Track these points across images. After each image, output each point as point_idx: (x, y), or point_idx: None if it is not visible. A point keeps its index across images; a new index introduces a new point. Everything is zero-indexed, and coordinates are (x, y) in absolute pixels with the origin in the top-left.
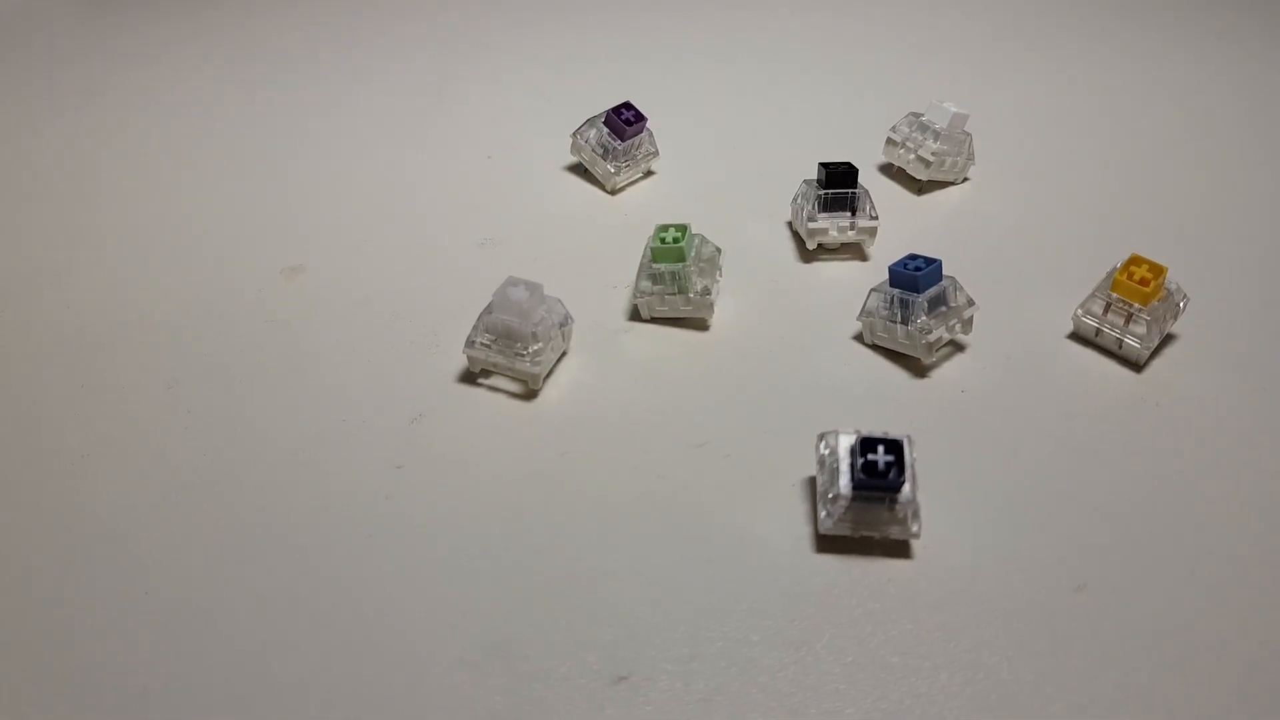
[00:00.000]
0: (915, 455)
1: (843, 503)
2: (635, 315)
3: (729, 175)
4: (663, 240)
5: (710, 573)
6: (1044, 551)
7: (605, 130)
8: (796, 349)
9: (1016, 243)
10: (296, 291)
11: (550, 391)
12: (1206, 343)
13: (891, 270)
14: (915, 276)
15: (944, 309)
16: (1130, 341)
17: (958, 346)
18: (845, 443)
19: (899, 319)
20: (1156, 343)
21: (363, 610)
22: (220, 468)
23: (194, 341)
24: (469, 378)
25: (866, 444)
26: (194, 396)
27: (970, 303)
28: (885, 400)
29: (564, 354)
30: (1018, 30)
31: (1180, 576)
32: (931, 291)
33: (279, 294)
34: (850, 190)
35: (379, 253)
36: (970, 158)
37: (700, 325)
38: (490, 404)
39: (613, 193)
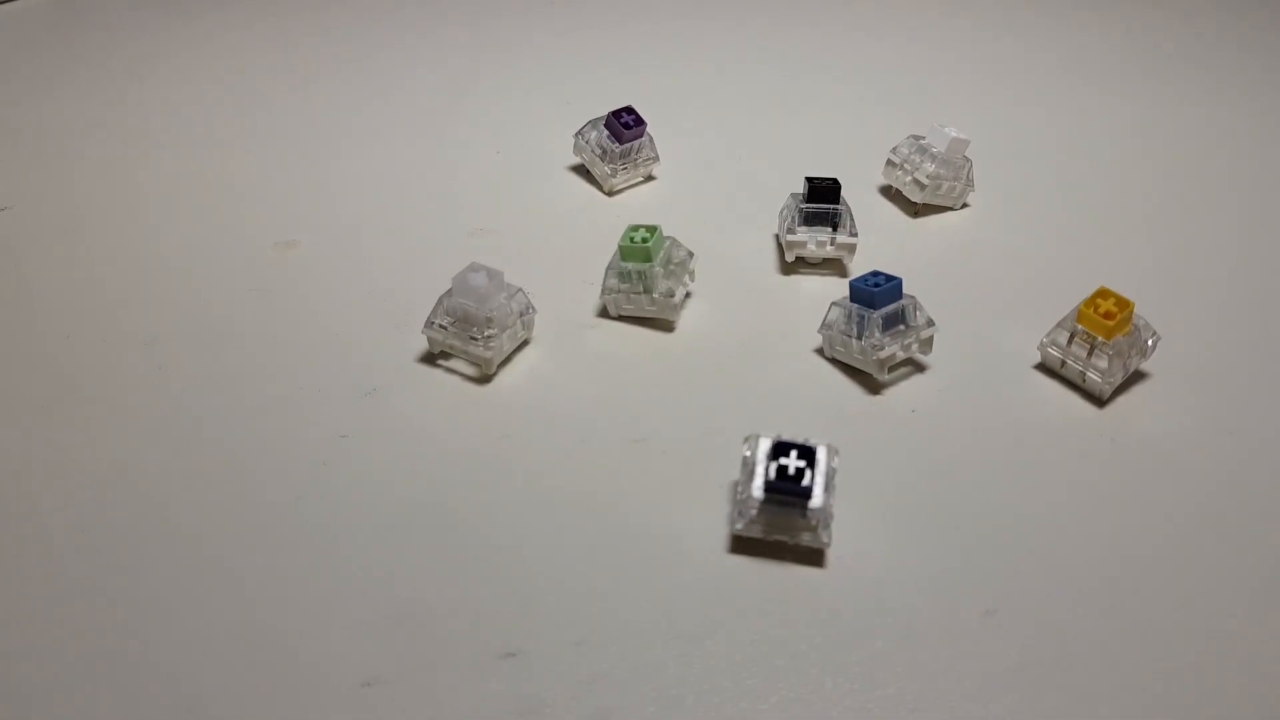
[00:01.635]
0: (837, 465)
1: (753, 505)
2: (605, 312)
3: (728, 184)
4: (631, 240)
5: (619, 563)
6: (959, 574)
7: (605, 132)
8: (758, 357)
9: (1003, 271)
10: (286, 264)
11: (505, 377)
12: (1177, 384)
13: (851, 285)
14: (872, 293)
15: (901, 327)
16: (1092, 375)
17: (918, 367)
18: (764, 446)
19: (855, 334)
20: (1120, 378)
21: (275, 566)
22: (176, 421)
23: (180, 302)
24: (429, 358)
25: (780, 448)
26: (168, 354)
27: (930, 323)
28: (834, 413)
29: (526, 343)
30: (1036, 61)
31: (1093, 613)
32: (888, 309)
33: (269, 265)
34: (832, 206)
35: (372, 234)
36: (969, 184)
37: (666, 326)
38: (444, 384)
39: (610, 194)
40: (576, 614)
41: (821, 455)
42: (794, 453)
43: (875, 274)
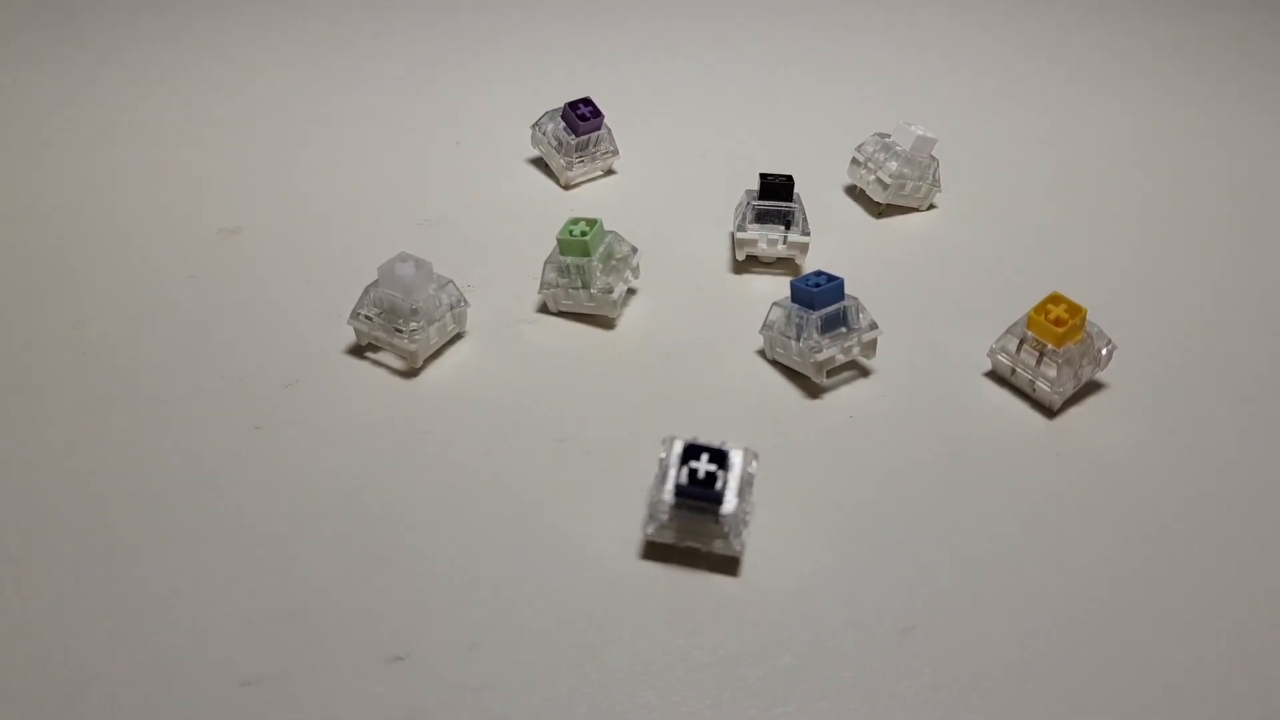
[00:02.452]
0: (755, 471)
1: (664, 509)
2: (546, 308)
3: (690, 181)
4: (570, 233)
5: (525, 566)
6: (880, 587)
7: (563, 124)
8: (698, 357)
9: (963, 275)
10: (225, 251)
11: (433, 371)
12: (1133, 397)
13: (792, 285)
14: (812, 293)
15: (843, 330)
16: (1041, 384)
17: (862, 371)
18: (678, 448)
19: (795, 336)
20: (1071, 388)
21: (168, 556)
22: (91, 406)
23: (114, 286)
24: (358, 350)
25: (691, 451)
26: (95, 338)
27: (873, 326)
28: (769, 417)
29: (458, 336)
30: (1014, 61)
31: (1018, 634)
32: (828, 310)
33: (208, 252)
34: (785, 204)
35: (318, 223)
36: (935, 184)
37: (606, 323)
38: (369, 377)
39: (566, 188)
40: (473, 618)
41: (736, 459)
42: (705, 456)
43: (818, 274)
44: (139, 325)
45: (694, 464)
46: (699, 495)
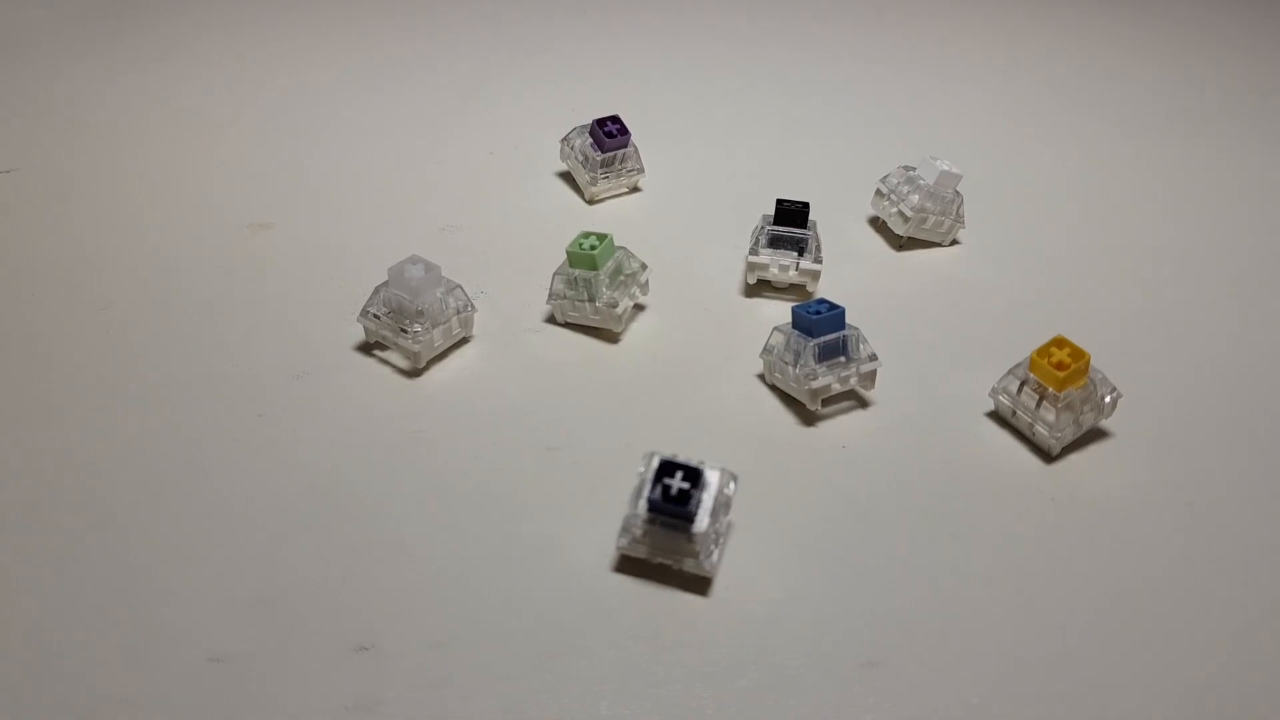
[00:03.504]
0: (732, 492)
1: (637, 523)
2: (554, 318)
3: (714, 203)
4: (580, 246)
5: (499, 569)
6: (850, 620)
7: (589, 140)
8: (698, 377)
9: (978, 313)
10: (255, 246)
11: (435, 373)
12: (1137, 448)
13: (794, 311)
14: (811, 320)
15: (841, 359)
16: (1040, 428)
17: (861, 402)
18: (655, 464)
19: (792, 361)
20: (1071, 434)
21: (158, 533)
22: (106, 381)
23: (145, 273)
24: (366, 348)
25: (666, 468)
26: (120, 320)
27: (872, 357)
28: (761, 441)
29: (465, 340)
30: (1052, 102)
31: (984, 679)
32: (827, 338)
33: (237, 245)
34: (800, 230)
35: (346, 223)
36: (959, 220)
37: (611, 337)
38: (374, 374)
39: (590, 202)
40: (442, 615)
41: (713, 479)
42: (680, 474)
43: (820, 301)
44: (163, 310)
45: (668, 480)
46: (671, 512)
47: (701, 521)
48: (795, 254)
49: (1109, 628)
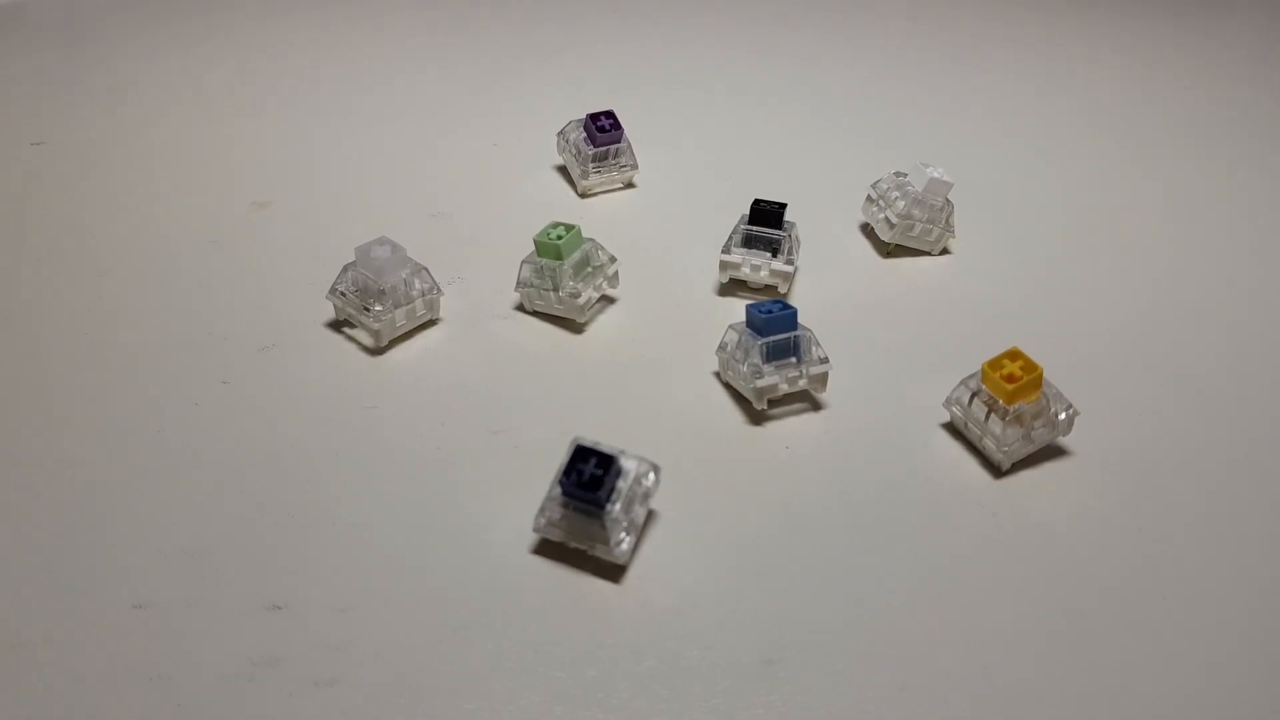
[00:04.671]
0: (652, 484)
1: (550, 506)
2: (523, 307)
3: (706, 203)
4: (547, 236)
5: (418, 542)
6: (756, 618)
7: (583, 134)
8: (655, 371)
9: (955, 323)
10: (251, 222)
11: (398, 353)
12: (1093, 469)
13: (747, 310)
14: (763, 319)
15: (792, 360)
16: (988, 441)
17: (814, 405)
18: (572, 449)
19: (742, 360)
20: (1020, 448)
21: (104, 481)
22: (87, 342)
23: (143, 243)
24: (337, 325)
25: (581, 453)
26: (114, 286)
27: (823, 360)
28: (705, 437)
29: (432, 322)
30: (1054, 115)
31: (881, 688)
32: (776, 338)
33: (234, 221)
34: (774, 231)
35: (344, 204)
36: (948, 229)
37: (577, 327)
38: (339, 351)
39: (583, 196)
40: (356, 582)
41: (630, 468)
42: (594, 460)
43: (775, 302)
44: (154, 278)
45: (581, 465)
46: (581, 497)
47: (612, 508)
48: (769, 255)
49: (1026, 650)
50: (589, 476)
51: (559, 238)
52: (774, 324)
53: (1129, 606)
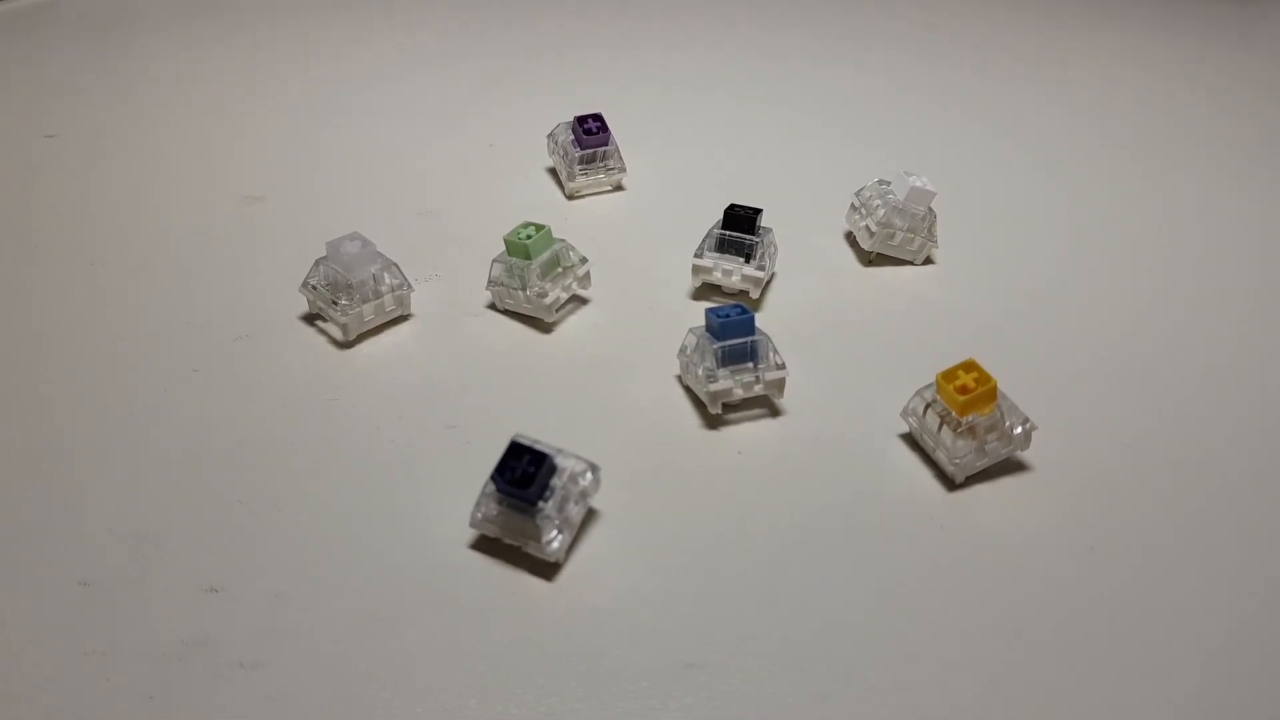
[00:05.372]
0: (589, 484)
1: (486, 502)
2: (495, 305)
3: (693, 208)
4: (517, 235)
5: (359, 532)
6: (685, 622)
7: (571, 136)
8: (618, 372)
9: (928, 334)
10: (242, 215)
11: (366, 347)
12: (1051, 486)
13: (706, 313)
14: (719, 323)
15: (748, 365)
16: (940, 453)
17: (773, 411)
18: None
19: (699, 363)
20: (972, 461)
21: (67, 462)
22: (71, 328)
23: (135, 232)
24: (310, 318)
25: (515, 449)
26: (105, 275)
27: (780, 366)
28: (658, 439)
29: (403, 318)
30: (1053, 130)
31: (799, 697)
32: (731, 342)
33: (228, 214)
34: (747, 236)
35: (335, 201)
36: (930, 238)
37: (546, 327)
38: (309, 343)
39: (569, 198)
40: (291, 569)
41: (567, 467)
42: (526, 457)
43: (734, 306)
44: (143, 268)
45: (514, 462)
46: (511, 493)
47: (544, 506)
48: (741, 260)
49: (957, 666)
50: (521, 473)
51: (528, 237)
52: (730, 328)
53: (1070, 628)
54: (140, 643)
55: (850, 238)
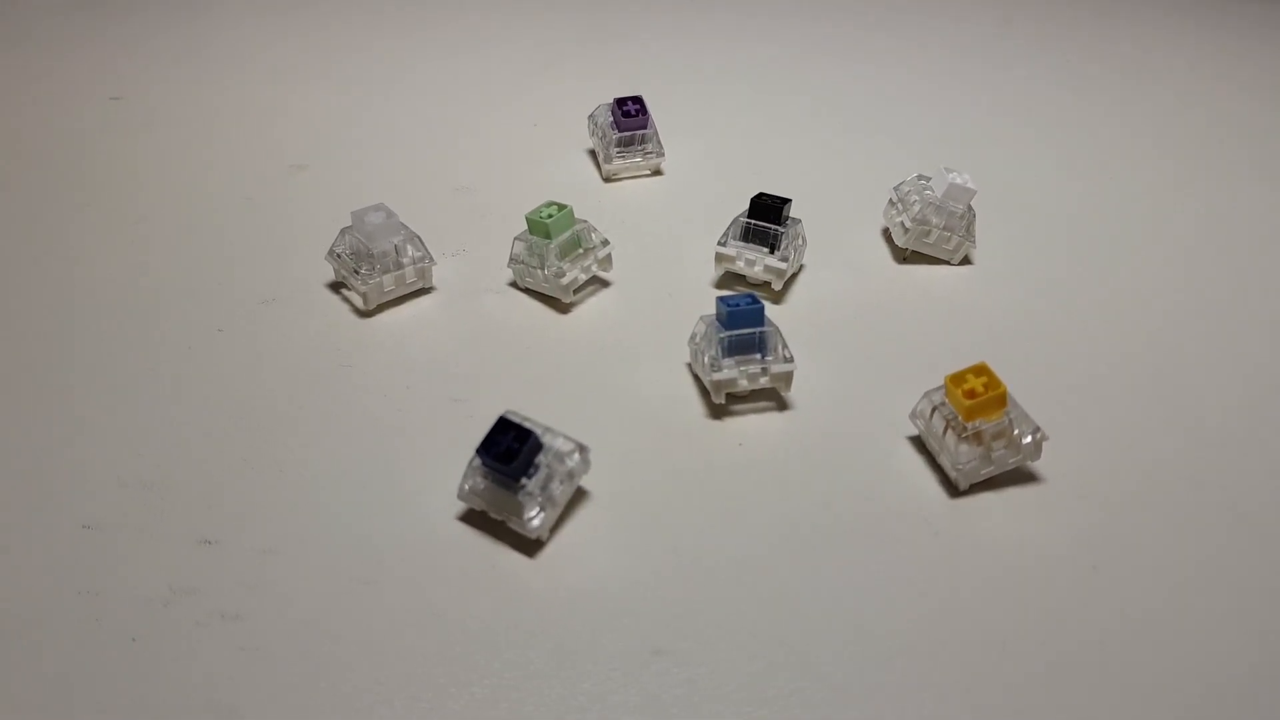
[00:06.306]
0: (576, 464)
1: (472, 475)
2: (516, 283)
3: (730, 195)
4: (539, 215)
5: (351, 496)
6: (661, 608)
7: (610, 118)
8: (630, 357)
9: (956, 337)
10: (285, 183)
11: (387, 316)
12: (1062, 499)
13: (717, 301)
14: (727, 312)
15: (756, 356)
16: (945, 457)
17: (780, 405)
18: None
19: (705, 351)
20: (977, 468)
21: (85, 409)
22: (105, 283)
23: (182, 195)
24: (336, 286)
25: (502, 425)
26: (146, 233)
27: (788, 359)
28: (660, 426)
29: (425, 290)
30: (1108, 132)
31: (765, 695)
32: (739, 332)
33: (272, 181)
34: (773, 226)
35: (377, 173)
36: (969, 238)
37: (563, 308)
38: (333, 310)
39: (606, 180)
40: (284, 528)
41: (554, 445)
42: (512, 433)
43: (746, 296)
44: (183, 230)
45: (499, 437)
46: (495, 468)
47: (527, 483)
48: (766, 250)
49: (930, 674)
50: (505, 449)
51: (549, 216)
52: (738, 318)
53: (1057, 646)
54: (132, 587)
55: (887, 234)
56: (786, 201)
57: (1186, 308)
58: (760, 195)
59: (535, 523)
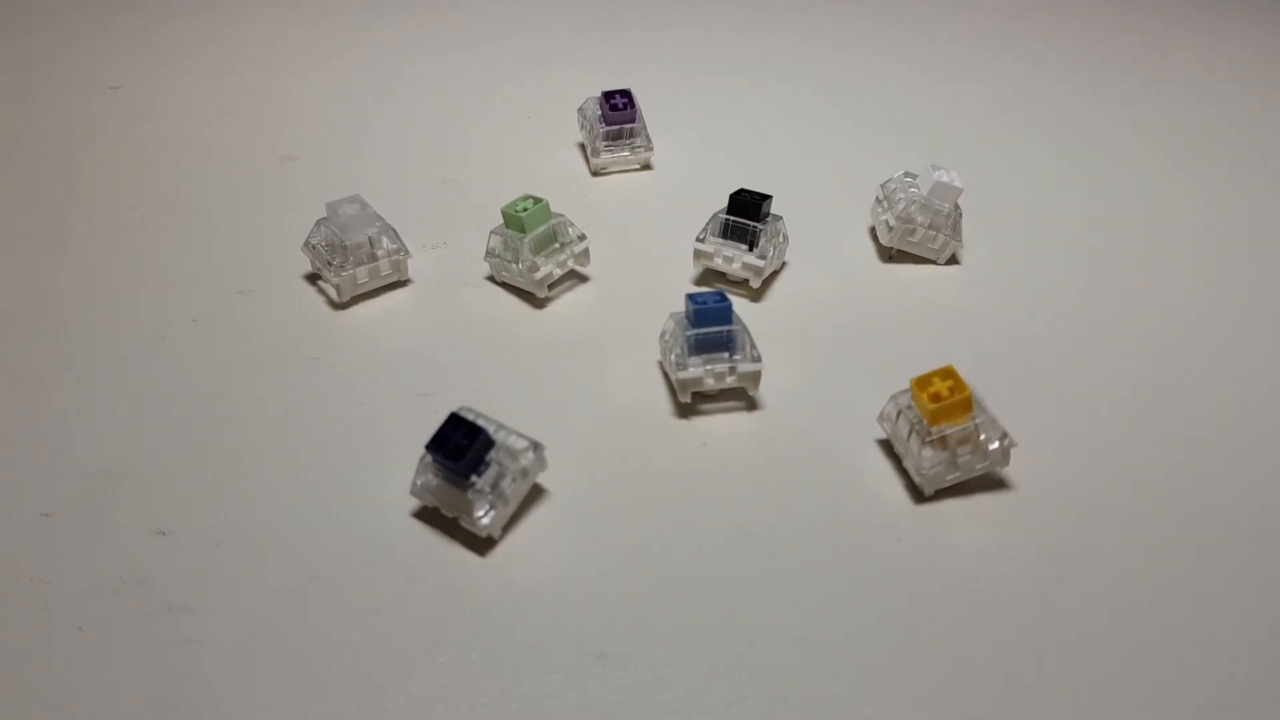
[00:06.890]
0: (530, 463)
1: (423, 470)
2: (493, 277)
3: (717, 192)
4: (515, 208)
5: (310, 491)
6: (609, 610)
7: (598, 111)
8: (602, 353)
9: (934, 338)
10: (274, 173)
11: (361, 309)
12: (1031, 508)
13: (686, 298)
14: (694, 310)
15: (723, 355)
16: (909, 462)
17: (750, 404)
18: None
19: (672, 348)
20: (942, 473)
21: (54, 398)
22: (88, 270)
23: (172, 183)
24: (313, 278)
25: (453, 421)
26: (136, 220)
27: (755, 359)
28: (624, 423)
29: (401, 283)
30: (1103, 132)
31: (704, 693)
32: (706, 331)
33: (259, 170)
34: (751, 222)
35: (364, 165)
36: (955, 237)
37: (539, 302)
38: (305, 302)
39: (594, 174)
40: (236, 520)
41: (509, 442)
42: (462, 430)
43: (714, 294)
44: (170, 219)
45: (450, 434)
46: (444, 465)
47: (475, 480)
48: (744, 247)
49: (881, 683)
50: (455, 445)
51: (523, 210)
52: (705, 316)
53: (1014, 661)
54: (83, 576)
55: (874, 233)
56: (766, 198)
57: (1175, 318)
58: (739, 191)
59: (485, 520)
